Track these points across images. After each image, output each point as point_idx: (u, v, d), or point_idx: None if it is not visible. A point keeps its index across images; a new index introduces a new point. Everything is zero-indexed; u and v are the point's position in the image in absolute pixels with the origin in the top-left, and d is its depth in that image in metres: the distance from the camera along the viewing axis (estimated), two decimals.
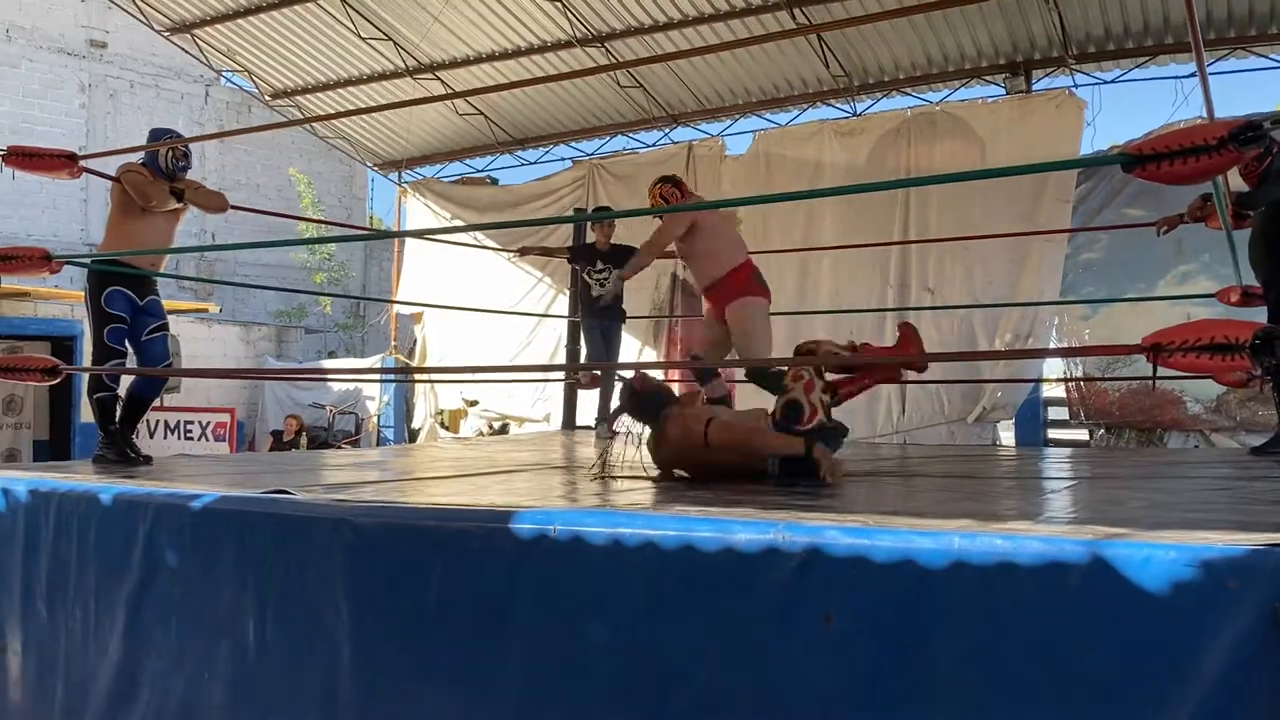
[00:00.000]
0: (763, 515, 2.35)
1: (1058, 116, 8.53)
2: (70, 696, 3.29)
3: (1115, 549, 1.87)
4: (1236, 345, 2.06)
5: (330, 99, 11.25)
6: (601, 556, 2.37)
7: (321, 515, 2.82)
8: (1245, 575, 1.76)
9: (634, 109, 10.60)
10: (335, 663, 2.70)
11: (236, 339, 14.11)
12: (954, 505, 2.84)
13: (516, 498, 3.17)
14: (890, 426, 8.95)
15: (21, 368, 3.87)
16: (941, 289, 8.73)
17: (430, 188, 12.20)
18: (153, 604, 3.11)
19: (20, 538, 3.50)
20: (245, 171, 17.27)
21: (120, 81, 16.22)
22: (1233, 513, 2.71)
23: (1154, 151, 2.26)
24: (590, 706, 2.35)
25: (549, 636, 2.43)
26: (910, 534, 2.07)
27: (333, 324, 17.76)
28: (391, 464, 5.02)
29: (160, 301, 4.70)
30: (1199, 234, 7.09)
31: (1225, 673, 1.74)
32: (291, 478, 3.75)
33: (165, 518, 3.12)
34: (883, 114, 9.57)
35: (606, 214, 7.53)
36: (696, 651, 2.24)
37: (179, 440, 11.28)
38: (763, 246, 9.51)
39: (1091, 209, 8.37)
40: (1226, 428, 8.05)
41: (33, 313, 11.26)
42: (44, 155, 4.32)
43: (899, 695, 2.02)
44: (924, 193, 8.89)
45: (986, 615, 1.96)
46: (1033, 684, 1.91)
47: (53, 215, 15.25)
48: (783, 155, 9.83)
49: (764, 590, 2.17)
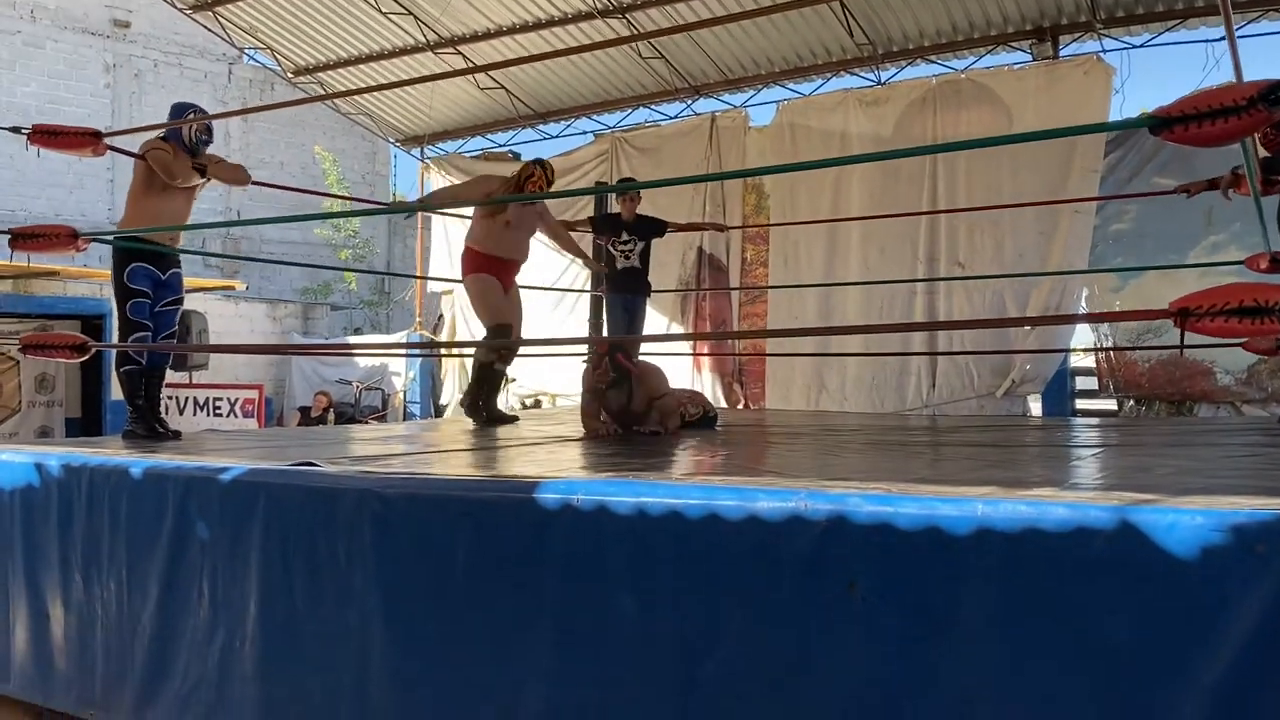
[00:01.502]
0: (786, 484, 2.35)
1: (1086, 83, 8.40)
2: (110, 666, 3.36)
3: (1141, 514, 1.86)
4: (1267, 308, 2.03)
5: (352, 75, 11.25)
6: (625, 525, 2.38)
7: (349, 487, 2.85)
8: (1274, 539, 1.75)
9: (656, 80, 10.53)
10: (366, 631, 2.74)
11: (263, 316, 14.20)
12: (979, 473, 2.83)
13: (541, 469, 3.19)
14: (920, 401, 8.92)
15: (51, 344, 3.91)
16: (972, 263, 8.65)
17: (453, 163, 12.18)
18: (186, 575, 3.16)
19: (55, 511, 3.56)
20: (269, 150, 17.32)
21: (144, 61, 16.29)
22: (1261, 479, 2.69)
23: (1181, 113, 2.22)
24: (616, 674, 2.37)
25: (575, 605, 2.45)
26: (934, 501, 2.06)
27: (358, 301, 17.84)
28: (418, 438, 5.05)
29: (181, 275, 4.79)
30: (1229, 204, 7.00)
31: (1252, 636, 1.73)
32: (318, 451, 3.79)
33: (196, 490, 3.16)
34: (908, 83, 9.45)
35: (631, 185, 7.49)
36: (721, 620, 2.25)
37: (208, 417, 11.38)
38: (791, 220, 9.54)
39: (1121, 179, 8.24)
40: (1258, 399, 7.95)
41: (62, 292, 11.37)
42: (69, 133, 4.34)
43: (924, 662, 2.03)
44: (952, 166, 8.80)
45: (1011, 582, 1.96)
46: (1058, 650, 1.91)
47: (80, 195, 15.37)
48: (808, 126, 9.74)
49: (788, 558, 2.17)
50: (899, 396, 8.99)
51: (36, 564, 3.64)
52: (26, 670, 3.66)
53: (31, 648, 3.65)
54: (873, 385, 9.15)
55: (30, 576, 3.66)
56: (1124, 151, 8.26)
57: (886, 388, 9.10)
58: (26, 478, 3.68)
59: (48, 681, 3.58)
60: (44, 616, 3.61)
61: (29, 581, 3.66)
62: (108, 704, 3.36)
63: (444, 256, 12.09)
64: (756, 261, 10.13)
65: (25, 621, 3.67)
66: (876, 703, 2.06)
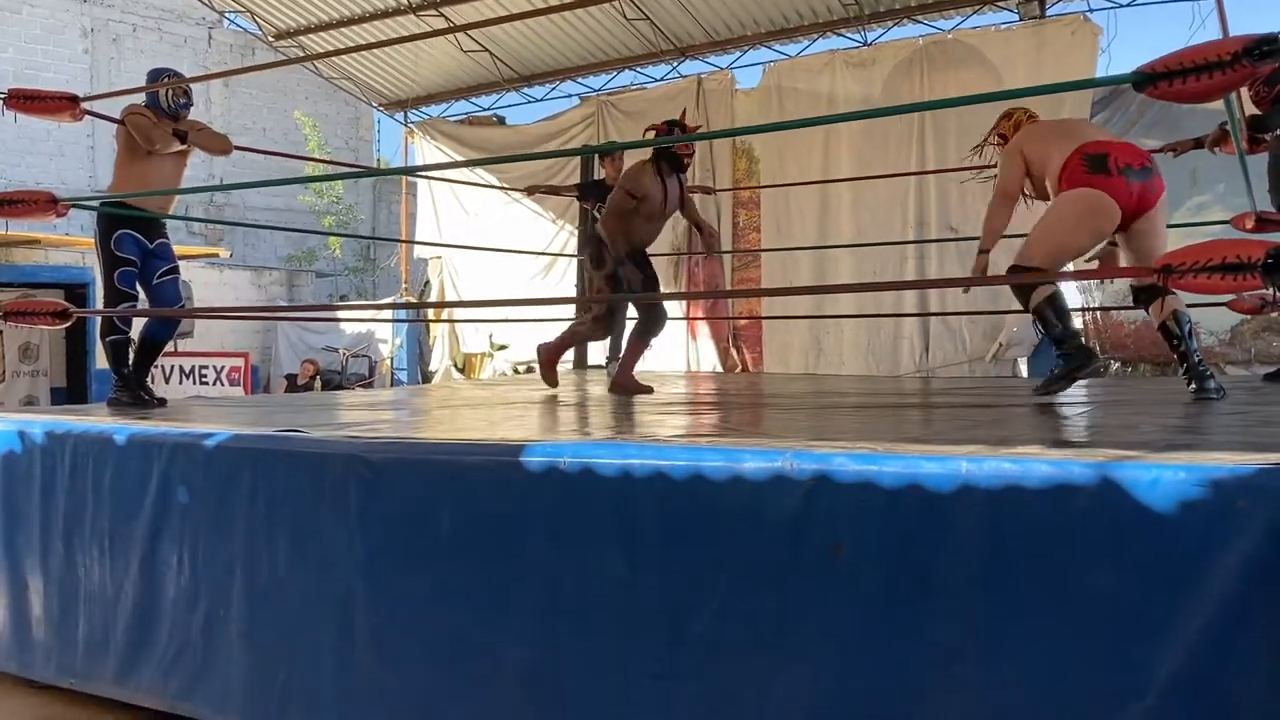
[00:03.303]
0: (771, 444, 2.35)
1: (1073, 44, 8.36)
2: (93, 633, 3.35)
3: (1124, 470, 1.87)
4: (1249, 264, 2.03)
5: (334, 38, 11.09)
6: (612, 487, 2.38)
7: (334, 452, 2.84)
8: (1255, 494, 1.76)
9: (641, 43, 10.44)
10: (350, 595, 2.74)
11: (248, 283, 14.11)
12: (965, 433, 2.84)
13: (527, 432, 3.19)
14: (913, 365, 8.97)
15: (32, 311, 3.87)
16: (964, 228, 8.64)
17: (438, 128, 12.07)
18: (169, 541, 3.15)
19: (37, 478, 3.54)
20: (251, 115, 17.13)
21: (123, 25, 16.05)
22: (1245, 435, 2.70)
23: (1166, 69, 2.21)
24: (604, 634, 2.38)
25: (562, 567, 2.45)
26: (917, 459, 2.07)
27: (343, 268, 17.73)
28: (405, 404, 5.04)
29: (170, 244, 4.70)
30: (1213, 165, 6.98)
31: (1233, 591, 1.75)
32: (305, 417, 3.77)
33: (180, 457, 3.15)
34: (895, 43, 9.39)
35: (613, 146, 7.42)
36: (707, 580, 2.26)
37: (194, 385, 11.34)
38: (781, 183, 9.51)
39: None
40: (1240, 360, 8.00)
41: (44, 260, 11.27)
42: (46, 98, 4.27)
43: (908, 621, 2.04)
44: (941, 127, 8.76)
45: (995, 539, 1.97)
46: (1041, 606, 1.92)
47: (60, 163, 15.20)
48: (795, 88, 9.69)
49: (773, 518, 2.18)
50: (893, 360, 9.05)
51: (15, 533, 3.61)
52: (4, 640, 3.64)
53: (10, 617, 3.62)
54: (868, 349, 9.20)
55: (9, 546, 3.63)
56: (1110, 113, 8.25)
57: (881, 352, 9.14)
58: (9, 444, 3.65)
59: (25, 652, 3.57)
60: (23, 586, 3.59)
61: (8, 551, 3.64)
62: (89, 673, 3.35)
63: (430, 222, 12.02)
64: (749, 226, 10.11)
65: (4, 591, 3.65)
66: (861, 660, 2.08)
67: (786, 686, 2.14)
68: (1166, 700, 1.79)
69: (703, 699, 2.24)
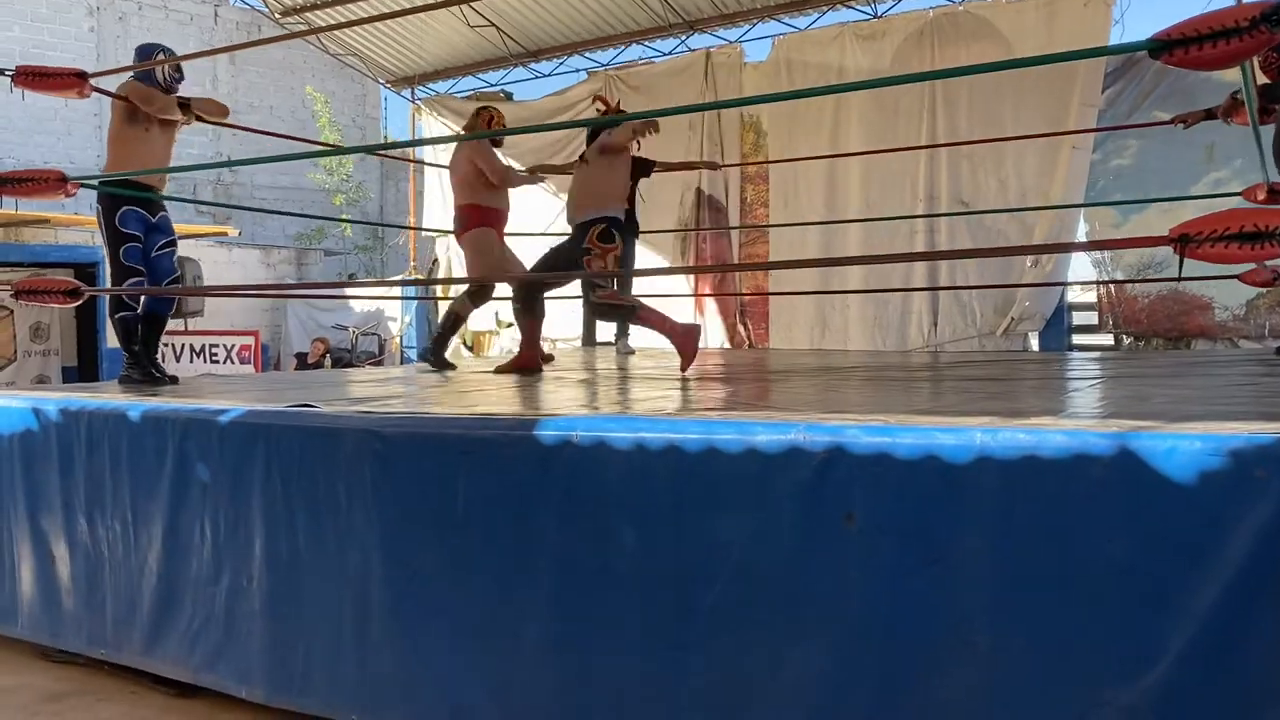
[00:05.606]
0: (783, 416, 2.35)
1: (1085, 15, 8.26)
2: (119, 607, 3.38)
3: (1140, 440, 1.86)
4: (1267, 233, 2.02)
5: (340, 13, 11.03)
6: (624, 460, 2.38)
7: (349, 426, 2.85)
8: (1272, 463, 1.75)
9: (649, 16, 10.36)
10: (367, 568, 2.76)
11: (257, 262, 14.12)
12: (978, 404, 2.83)
13: (540, 407, 3.19)
14: (921, 340, 8.93)
15: (44, 289, 3.88)
16: (976, 202, 8.59)
17: (445, 104, 12.02)
18: (189, 516, 3.17)
19: (55, 455, 3.57)
20: (258, 93, 17.08)
21: (129, 4, 16.00)
22: (1260, 405, 2.69)
23: (1182, 36, 2.18)
24: (617, 607, 2.39)
25: (576, 540, 2.46)
26: (932, 430, 2.06)
27: (352, 246, 17.73)
28: (416, 380, 5.05)
29: (169, 218, 4.75)
30: (1230, 139, 6.92)
31: (1250, 559, 1.75)
32: (317, 393, 3.78)
33: (195, 432, 3.16)
34: (905, 16, 9.30)
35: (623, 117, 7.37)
36: (720, 552, 2.26)
37: (204, 363, 11.36)
38: (789, 157, 9.45)
39: (1120, 112, 8.15)
40: (1255, 334, 7.96)
41: (54, 240, 11.28)
42: (53, 75, 4.27)
43: (922, 592, 2.04)
44: (952, 104, 8.69)
45: (1010, 509, 1.97)
46: (1057, 576, 1.92)
47: (68, 142, 15.19)
48: (804, 61, 9.60)
49: (786, 490, 2.18)
50: (901, 335, 8.99)
51: (39, 508, 3.65)
52: (34, 612, 3.69)
53: (38, 590, 3.67)
54: (875, 324, 9.14)
55: (33, 521, 3.67)
56: (1123, 85, 8.17)
57: (889, 326, 9.09)
58: (25, 422, 3.68)
59: (56, 623, 3.61)
60: (49, 559, 3.63)
61: (32, 526, 3.68)
62: (119, 643, 3.39)
63: (438, 201, 11.98)
64: (757, 202, 10.05)
65: (31, 565, 3.69)
66: (875, 631, 2.08)
67: (800, 657, 2.15)
68: (1182, 669, 1.79)
69: (717, 669, 2.25)
